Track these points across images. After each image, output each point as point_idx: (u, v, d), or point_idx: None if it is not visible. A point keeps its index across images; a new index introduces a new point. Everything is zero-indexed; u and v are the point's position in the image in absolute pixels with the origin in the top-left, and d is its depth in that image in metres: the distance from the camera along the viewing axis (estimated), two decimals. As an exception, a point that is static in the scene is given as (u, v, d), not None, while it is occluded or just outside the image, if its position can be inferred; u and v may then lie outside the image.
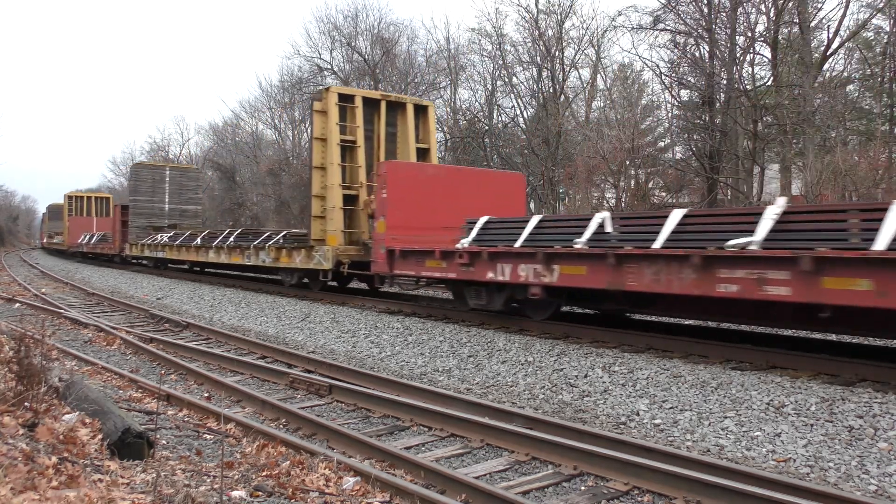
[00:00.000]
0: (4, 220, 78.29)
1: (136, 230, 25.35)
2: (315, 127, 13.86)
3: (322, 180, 13.66)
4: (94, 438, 4.49)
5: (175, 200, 26.76)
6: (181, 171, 28.73)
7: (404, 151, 14.56)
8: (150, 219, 25.78)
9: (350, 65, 35.44)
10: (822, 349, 7.46)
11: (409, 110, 14.59)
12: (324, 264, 13.03)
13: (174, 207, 26.76)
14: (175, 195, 26.83)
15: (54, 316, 13.74)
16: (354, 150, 13.85)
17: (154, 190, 26.30)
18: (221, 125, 52.50)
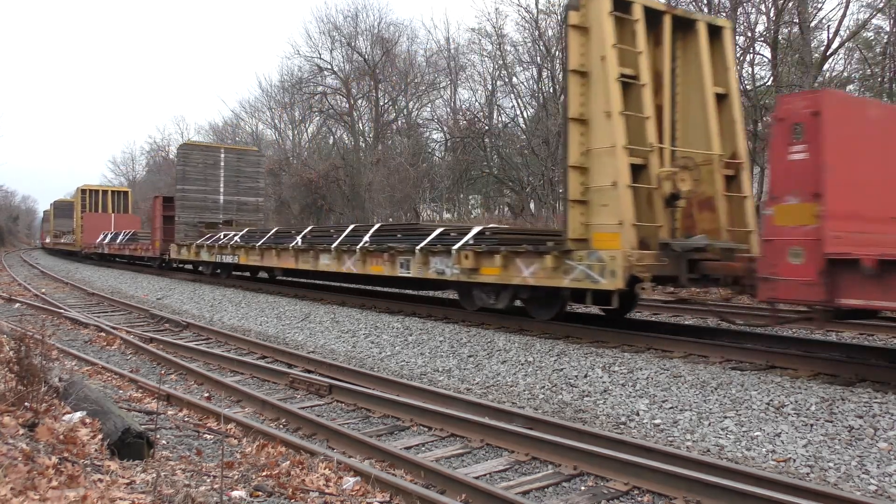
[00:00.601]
0: (4, 220, 78.27)
1: (184, 227, 20.45)
2: (570, 52, 8.34)
3: (583, 141, 8.26)
4: (94, 438, 4.49)
5: (231, 190, 20.96)
6: (239, 153, 22.21)
7: (694, 97, 9.04)
8: (202, 213, 20.64)
9: (350, 65, 35.47)
10: (822, 349, 7.46)
11: (702, 33, 8.91)
12: (601, 281, 7.72)
13: (230, 199, 21.06)
14: (231, 184, 21.04)
15: (54, 316, 13.75)
16: (637, 90, 8.37)
17: (206, 177, 20.68)
18: (221, 125, 52.59)
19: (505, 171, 29.46)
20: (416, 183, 30.08)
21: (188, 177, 20.58)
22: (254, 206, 21.91)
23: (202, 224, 20.42)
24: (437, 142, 35.44)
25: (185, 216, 20.51)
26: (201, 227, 20.25)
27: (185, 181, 20.59)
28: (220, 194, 20.94)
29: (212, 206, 20.86)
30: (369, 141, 35.65)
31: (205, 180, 20.69)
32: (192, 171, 20.66)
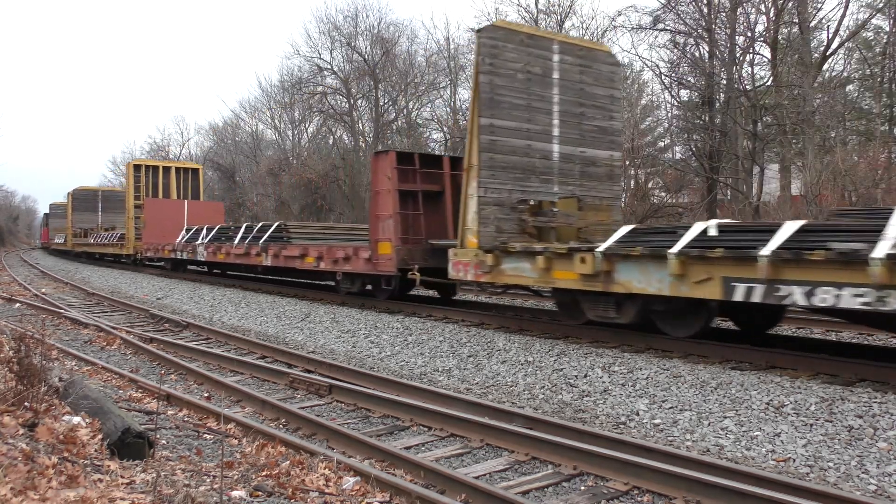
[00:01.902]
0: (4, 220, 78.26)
1: (494, 211, 9.30)
2: None
3: None
4: (94, 438, 4.49)
5: (572, 133, 10.11)
6: (582, 54, 10.21)
7: None
8: (524, 180, 9.57)
9: (350, 65, 35.47)
10: (822, 349, 7.46)
11: None
12: None
13: (570, 152, 10.12)
14: (572, 118, 10.06)
15: (54, 316, 13.75)
16: None
17: (529, 101, 9.60)
18: (221, 125, 52.51)
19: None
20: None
21: (499, 98, 9.25)
22: (607, 166, 10.39)
23: (523, 204, 9.48)
24: (437, 142, 35.45)
25: (493, 184, 9.22)
26: (521, 209, 9.48)
27: (494, 107, 9.20)
28: (554, 140, 9.82)
29: (540, 167, 9.70)
30: (369, 141, 35.64)
31: (527, 108, 9.56)
32: (506, 88, 9.32)
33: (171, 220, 23.06)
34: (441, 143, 34.82)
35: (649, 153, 24.48)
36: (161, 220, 23.13)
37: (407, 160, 11.58)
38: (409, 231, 11.23)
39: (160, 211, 23.90)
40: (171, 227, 22.24)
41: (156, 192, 26.48)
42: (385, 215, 11.20)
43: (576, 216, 9.87)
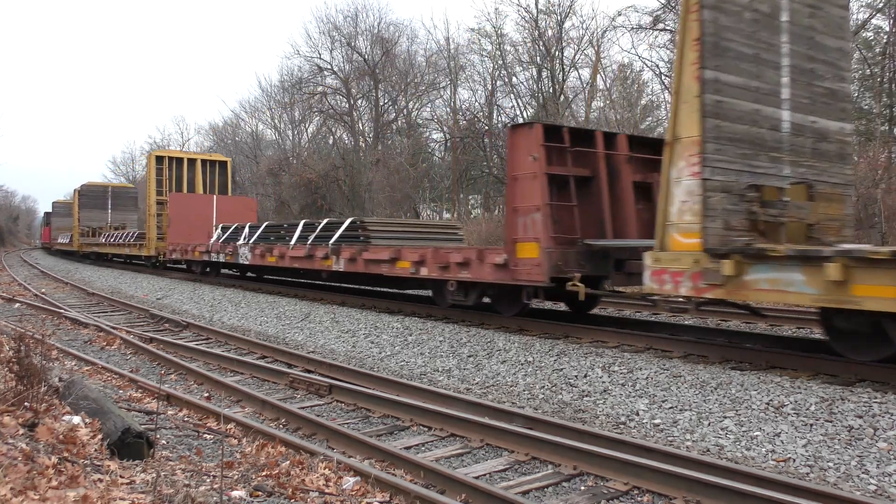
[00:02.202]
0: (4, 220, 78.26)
1: (721, 198, 6.60)
2: None
3: None
4: (94, 438, 4.49)
5: (803, 99, 7.33)
6: None
7: None
8: (754, 156, 6.85)
9: (350, 65, 35.49)
10: (822, 349, 7.46)
11: None
12: None
13: (802, 122, 7.35)
14: (803, 76, 7.32)
15: (54, 316, 13.75)
16: None
17: (757, 53, 6.95)
18: (221, 125, 52.57)
19: (504, 170, 29.42)
20: (416, 183, 30.11)
21: (726, 44, 6.69)
22: (839, 141, 7.84)
23: (753, 191, 6.93)
24: (437, 142, 35.46)
25: (720, 163, 6.60)
26: (751, 198, 6.96)
27: (720, 56, 6.62)
28: (783, 104, 7.25)
29: (769, 140, 7.11)
30: (369, 141, 35.66)
31: (755, 59, 7.00)
32: (733, 31, 6.78)
33: (199, 218, 20.50)
34: (441, 143, 34.85)
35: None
36: (188, 218, 20.56)
37: (555, 135, 8.81)
38: (560, 228, 8.60)
39: (187, 207, 21.31)
40: (199, 226, 20.02)
41: (179, 186, 23.78)
42: (529, 207, 8.50)
43: (807, 208, 7.39)
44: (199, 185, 24.31)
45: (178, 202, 21.83)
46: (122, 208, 37.88)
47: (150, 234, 23.48)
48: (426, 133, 35.96)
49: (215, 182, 24.96)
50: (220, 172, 25.37)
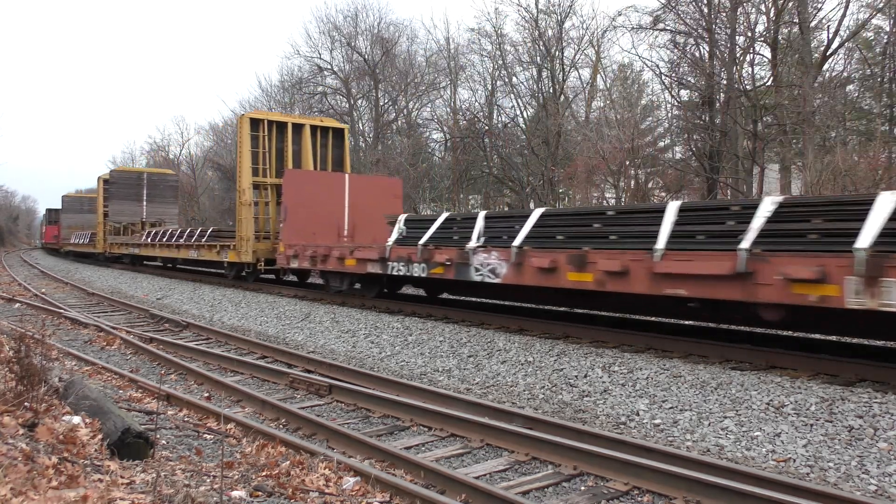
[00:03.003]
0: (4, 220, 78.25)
1: None
2: None
3: None
4: (94, 438, 4.49)
5: None
6: None
7: None
8: None
9: (350, 65, 35.49)
10: (822, 349, 7.46)
11: None
12: None
13: None
14: None
15: (54, 316, 13.74)
16: None
17: None
18: (221, 125, 52.49)
19: (505, 170, 29.47)
20: (416, 183, 30.09)
21: None
22: None
23: None
24: (437, 142, 35.46)
25: None
26: None
27: None
28: None
29: None
30: (369, 141, 35.64)
31: None
32: None
33: (325, 207, 14.44)
34: (441, 143, 34.84)
35: (649, 153, 24.46)
36: (311, 207, 14.16)
37: None
38: None
39: (310, 191, 14.48)
40: (324, 219, 14.26)
41: (280, 162, 16.92)
42: None
43: None
44: (307, 160, 16.85)
45: (298, 183, 14.57)
46: (160, 200, 30.70)
47: (244, 231, 16.16)
48: (426, 133, 35.97)
49: (328, 156, 17.41)
50: (336, 143, 17.54)
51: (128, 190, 29.89)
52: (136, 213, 29.70)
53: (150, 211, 30.25)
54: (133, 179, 30.56)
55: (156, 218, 29.72)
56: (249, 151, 16.56)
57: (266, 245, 16.30)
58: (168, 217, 30.28)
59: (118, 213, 29.31)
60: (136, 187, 30.18)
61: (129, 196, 29.75)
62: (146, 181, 30.61)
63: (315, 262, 12.91)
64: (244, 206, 16.37)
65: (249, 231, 16.20)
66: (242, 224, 16.28)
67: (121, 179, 30.36)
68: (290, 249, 13.70)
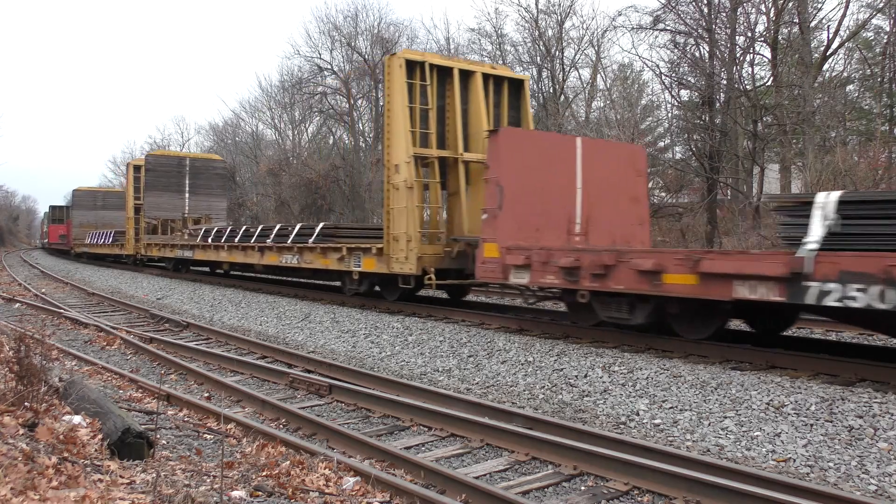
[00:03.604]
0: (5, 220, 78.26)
1: None
2: None
3: None
4: (94, 438, 4.49)
5: None
6: None
7: None
8: None
9: (350, 65, 35.47)
10: (822, 349, 7.46)
11: None
12: None
13: None
14: None
15: (54, 316, 13.74)
16: None
17: None
18: (221, 125, 52.56)
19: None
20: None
21: None
22: None
23: None
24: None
25: None
26: None
27: None
28: None
29: None
30: (369, 141, 35.63)
31: None
32: None
33: (557, 187, 9.67)
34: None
35: (649, 153, 24.47)
36: (537, 187, 9.47)
37: None
38: None
39: (534, 161, 9.53)
40: (556, 206, 9.58)
41: (441, 126, 11.82)
42: None
43: None
44: (477, 123, 11.73)
45: (519, 150, 9.50)
46: (205, 191, 25.18)
47: (401, 226, 10.98)
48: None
49: (502, 118, 12.33)
50: (513, 101, 12.60)
51: (167, 179, 24.34)
52: (177, 208, 24.35)
53: (194, 205, 24.70)
54: (173, 165, 24.83)
55: (200, 213, 24.52)
56: (405, 108, 11.06)
57: (436, 248, 11.01)
58: (215, 212, 24.96)
59: (155, 206, 23.81)
60: (177, 175, 24.58)
61: (168, 186, 24.24)
62: (189, 169, 24.89)
63: (576, 276, 7.91)
64: (399, 189, 11.07)
65: (412, 227, 10.78)
66: (396, 217, 11.06)
67: (159, 165, 24.46)
68: (511, 256, 8.71)
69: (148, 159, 25.10)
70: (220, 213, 25.19)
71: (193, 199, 24.70)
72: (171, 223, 23.88)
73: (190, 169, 24.77)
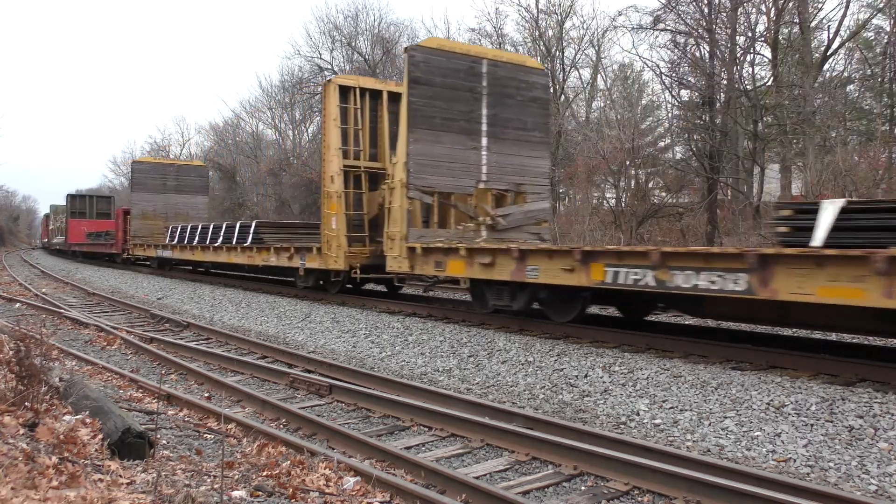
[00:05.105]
0: (5, 220, 78.28)
1: None
2: None
3: None
4: (95, 438, 4.49)
5: None
6: None
7: None
8: None
9: (350, 65, 35.47)
10: (822, 349, 7.46)
11: None
12: None
13: None
14: None
15: (55, 316, 13.75)
16: None
17: None
18: (222, 125, 52.49)
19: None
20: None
21: None
22: None
23: None
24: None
25: None
26: None
27: None
28: None
29: None
30: (370, 141, 35.61)
31: None
32: None
33: None
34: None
35: (649, 153, 24.46)
36: None
37: None
38: None
39: None
40: None
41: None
42: None
43: None
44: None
45: None
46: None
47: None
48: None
49: None
50: None
51: None
52: None
53: None
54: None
55: None
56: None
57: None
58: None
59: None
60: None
61: None
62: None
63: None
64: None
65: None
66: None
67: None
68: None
69: None
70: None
71: None
72: None
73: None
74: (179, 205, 26.67)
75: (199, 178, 27.91)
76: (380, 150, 13.56)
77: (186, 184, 27.07)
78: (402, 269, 10.49)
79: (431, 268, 9.96)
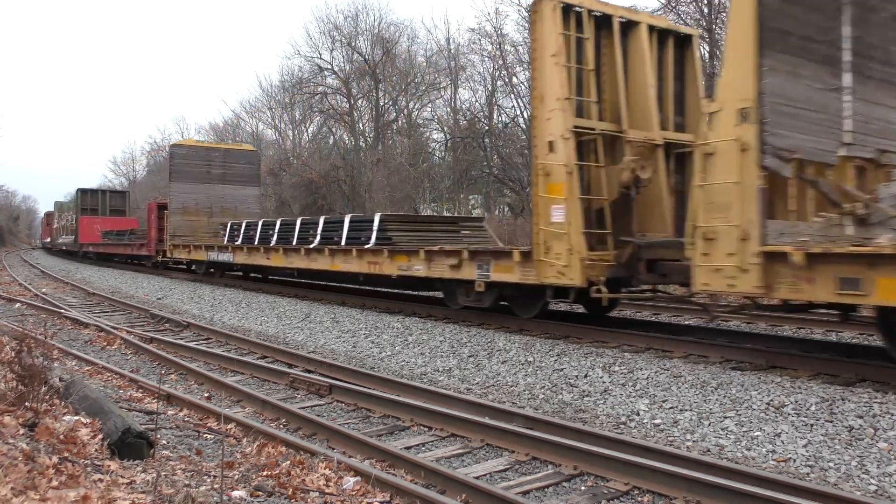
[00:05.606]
0: (5, 220, 78.26)
1: None
2: None
3: None
4: (95, 438, 4.49)
5: None
6: None
7: None
8: None
9: (350, 65, 35.49)
10: (822, 349, 7.46)
11: None
12: None
13: None
14: None
15: (55, 316, 13.74)
16: None
17: None
18: (222, 125, 52.50)
19: (505, 171, 29.45)
20: (417, 183, 30.08)
21: None
22: None
23: None
24: (438, 142, 35.46)
25: None
26: None
27: None
28: None
29: None
30: (369, 141, 35.65)
31: None
32: None
33: None
34: (441, 143, 34.87)
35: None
36: None
37: None
38: None
39: None
40: None
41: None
42: None
43: None
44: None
45: None
46: None
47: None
48: (426, 133, 35.97)
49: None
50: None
51: None
52: None
53: None
54: None
55: None
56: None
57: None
58: None
59: None
60: None
61: None
62: None
63: None
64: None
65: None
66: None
67: None
68: None
69: None
70: None
71: None
72: None
73: None
74: (226, 197, 21.67)
75: (250, 166, 22.70)
76: (613, 106, 8.87)
77: (235, 172, 21.90)
78: (741, 289, 6.16)
79: (829, 291, 5.60)
